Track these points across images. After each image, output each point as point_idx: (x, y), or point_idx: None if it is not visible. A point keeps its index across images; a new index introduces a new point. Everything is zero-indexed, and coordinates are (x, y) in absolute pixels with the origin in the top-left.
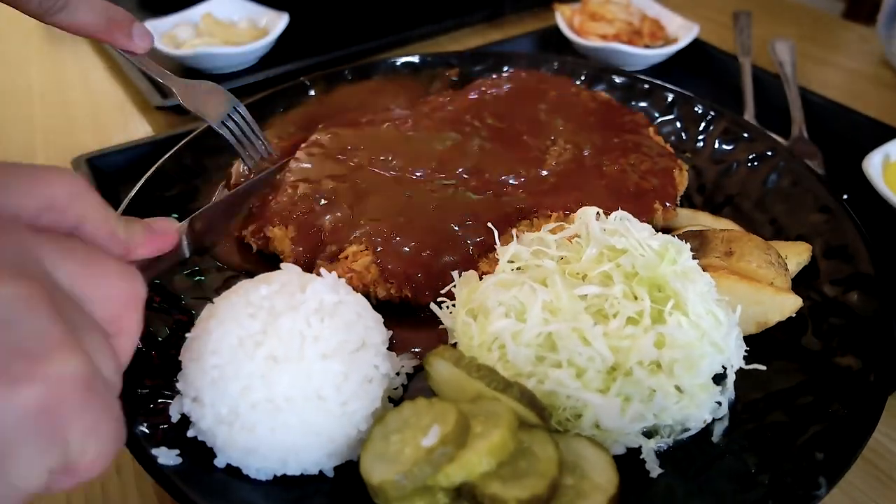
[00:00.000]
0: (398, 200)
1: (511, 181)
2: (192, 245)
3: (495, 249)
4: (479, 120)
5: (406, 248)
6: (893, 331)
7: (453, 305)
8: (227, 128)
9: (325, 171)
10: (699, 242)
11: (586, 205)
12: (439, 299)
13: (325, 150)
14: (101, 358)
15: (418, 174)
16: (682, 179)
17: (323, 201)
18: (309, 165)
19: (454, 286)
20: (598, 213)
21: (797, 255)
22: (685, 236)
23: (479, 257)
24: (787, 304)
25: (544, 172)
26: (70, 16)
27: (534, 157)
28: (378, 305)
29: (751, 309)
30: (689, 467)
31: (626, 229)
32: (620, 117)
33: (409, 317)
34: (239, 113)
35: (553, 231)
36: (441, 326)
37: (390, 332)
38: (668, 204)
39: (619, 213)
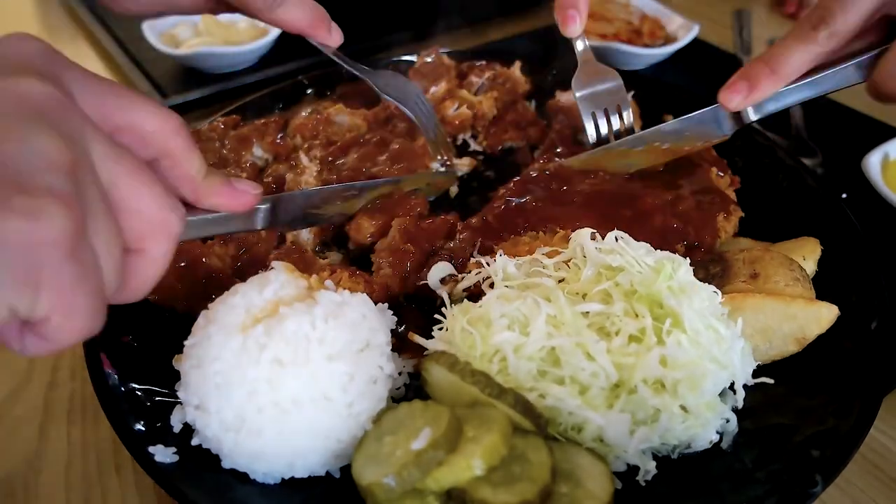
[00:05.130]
0: None
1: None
2: (269, 221)
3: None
4: None
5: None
6: (891, 330)
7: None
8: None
9: None
10: (721, 269)
11: (600, 230)
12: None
13: None
14: (100, 242)
15: None
16: (729, 227)
17: None
18: None
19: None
20: (592, 233)
21: (811, 252)
22: (707, 262)
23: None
24: (824, 315)
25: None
26: (285, 12)
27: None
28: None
29: (785, 325)
30: (687, 465)
31: (622, 248)
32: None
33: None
34: (421, 98)
35: (548, 255)
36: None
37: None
38: (697, 244)
39: (615, 233)
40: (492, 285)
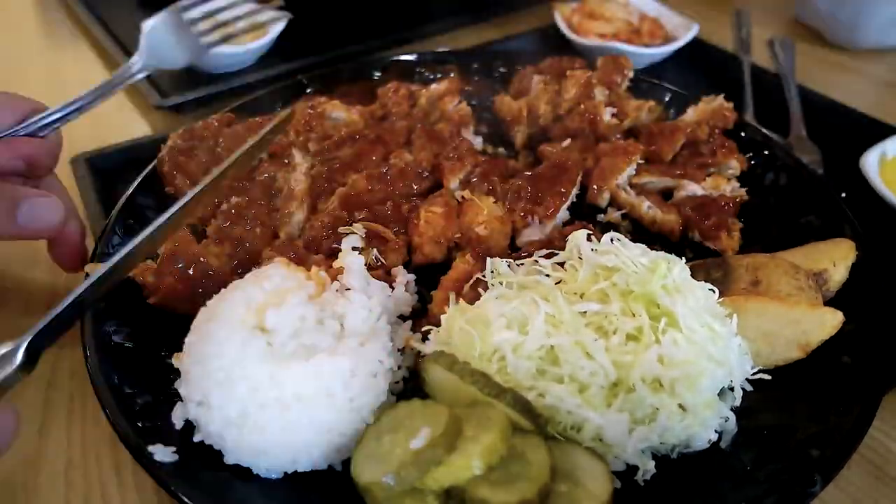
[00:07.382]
0: None
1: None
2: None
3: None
4: None
5: None
6: (889, 330)
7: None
8: None
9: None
10: (723, 273)
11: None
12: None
13: None
14: None
15: None
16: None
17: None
18: None
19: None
20: (588, 234)
21: (843, 257)
22: (708, 266)
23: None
24: (827, 320)
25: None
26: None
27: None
28: None
29: (788, 330)
30: (686, 465)
31: (617, 249)
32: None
33: None
34: None
35: (546, 256)
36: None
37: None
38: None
39: (611, 235)
40: None
